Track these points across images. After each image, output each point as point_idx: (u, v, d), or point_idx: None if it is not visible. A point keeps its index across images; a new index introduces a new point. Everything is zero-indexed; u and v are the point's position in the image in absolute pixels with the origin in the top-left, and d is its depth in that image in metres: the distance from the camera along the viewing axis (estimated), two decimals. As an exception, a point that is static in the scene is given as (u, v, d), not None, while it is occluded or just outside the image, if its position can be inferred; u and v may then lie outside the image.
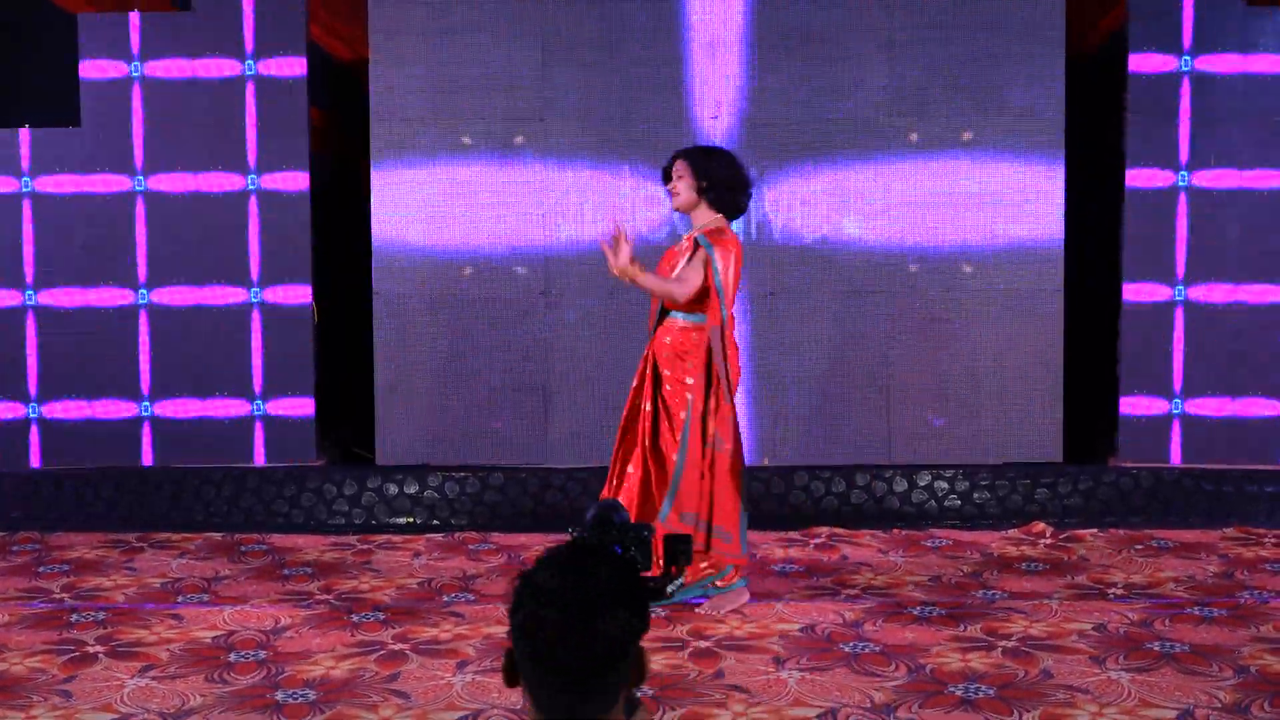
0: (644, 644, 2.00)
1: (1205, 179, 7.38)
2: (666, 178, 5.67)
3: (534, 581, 1.97)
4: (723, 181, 5.57)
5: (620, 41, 7.44)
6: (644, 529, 2.53)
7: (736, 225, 6.05)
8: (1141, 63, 7.36)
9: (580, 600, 1.94)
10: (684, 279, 5.46)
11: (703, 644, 5.02)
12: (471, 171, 7.49)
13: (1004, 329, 7.47)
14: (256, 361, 7.54)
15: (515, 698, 4.46)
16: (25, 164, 7.49)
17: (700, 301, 5.49)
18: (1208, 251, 7.40)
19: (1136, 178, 7.41)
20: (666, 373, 5.57)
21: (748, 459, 7.20)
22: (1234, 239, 7.40)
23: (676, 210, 5.70)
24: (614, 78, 7.45)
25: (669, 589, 2.66)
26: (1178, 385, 7.45)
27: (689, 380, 5.50)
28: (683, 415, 5.49)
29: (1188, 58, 7.34)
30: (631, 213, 7.42)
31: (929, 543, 6.69)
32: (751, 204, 5.90)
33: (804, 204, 7.45)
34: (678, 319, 5.58)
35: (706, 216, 5.58)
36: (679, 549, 2.70)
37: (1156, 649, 4.91)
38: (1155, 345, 7.44)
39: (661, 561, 2.66)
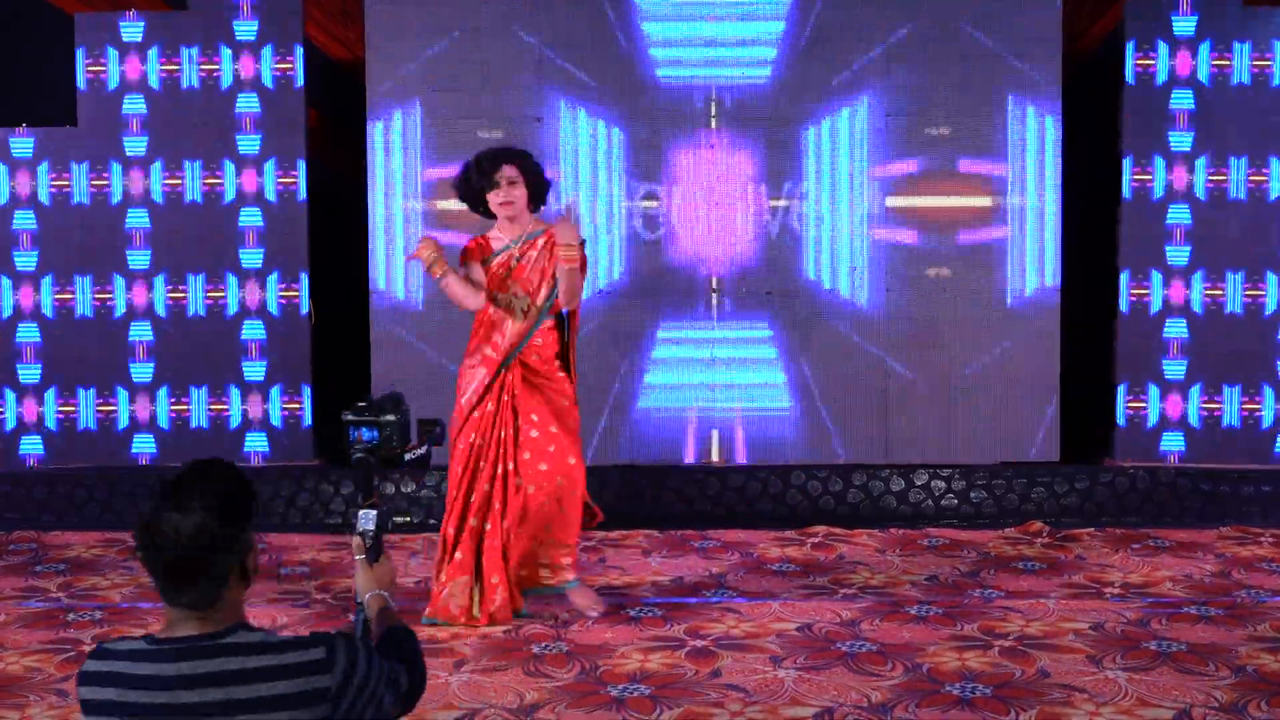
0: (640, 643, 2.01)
1: (1202, 180, 7.39)
2: (487, 184, 5.26)
3: (151, 489, 2.48)
4: (542, 179, 5.39)
5: (617, 40, 7.44)
6: (401, 407, 3.34)
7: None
8: (1138, 63, 7.37)
9: (168, 505, 2.36)
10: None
11: (700, 643, 5.02)
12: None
13: (1002, 328, 7.48)
14: (253, 361, 7.54)
15: (512, 697, 4.46)
16: (22, 163, 7.49)
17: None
18: (1204, 252, 7.41)
19: (1133, 178, 7.41)
20: (530, 389, 5.32)
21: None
22: (1230, 239, 7.40)
23: (509, 218, 5.31)
24: (611, 77, 7.45)
25: (408, 457, 3.33)
26: (1174, 385, 7.46)
27: (567, 387, 5.38)
28: (553, 429, 5.31)
29: (1185, 58, 7.35)
30: (628, 213, 7.43)
31: (926, 542, 6.69)
32: (753, 205, 5.82)
33: (801, 204, 7.45)
34: (547, 322, 5.38)
35: (532, 222, 5.38)
36: (432, 430, 3.49)
37: (1153, 648, 4.91)
38: (1152, 345, 7.45)
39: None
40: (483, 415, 5.28)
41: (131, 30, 7.46)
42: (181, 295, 7.52)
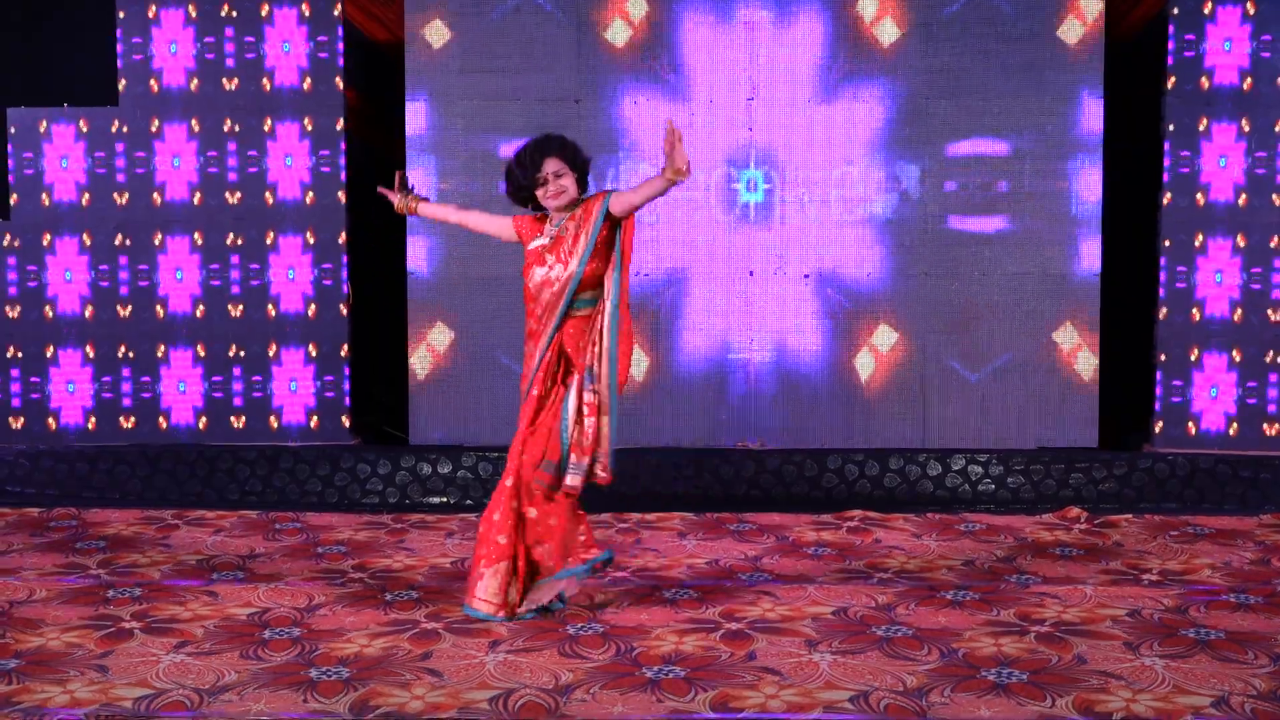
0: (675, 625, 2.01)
1: (1244, 163, 7.31)
2: (532, 182, 5.14)
3: None
4: (585, 163, 5.23)
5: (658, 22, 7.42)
6: None
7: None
8: (1181, 45, 7.29)
9: None
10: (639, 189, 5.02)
11: (734, 626, 5.02)
12: (507, 152, 7.49)
13: (1041, 313, 7.44)
14: (292, 341, 7.58)
15: (547, 678, 4.47)
16: (64, 143, 7.54)
17: (598, 281, 5.14)
18: (1246, 236, 7.34)
19: (1176, 163, 7.35)
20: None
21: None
22: (1272, 224, 7.33)
23: (559, 211, 5.16)
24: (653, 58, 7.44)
25: None
26: (1215, 371, 7.39)
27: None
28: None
29: (1229, 41, 7.27)
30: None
31: (962, 527, 6.67)
32: (784, 186, 5.79)
33: (838, 186, 7.43)
34: (580, 310, 5.18)
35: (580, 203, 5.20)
36: None
37: (1191, 635, 4.88)
38: (1193, 330, 7.39)
39: None
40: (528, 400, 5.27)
41: (172, 10, 7.49)
42: (220, 275, 7.57)
